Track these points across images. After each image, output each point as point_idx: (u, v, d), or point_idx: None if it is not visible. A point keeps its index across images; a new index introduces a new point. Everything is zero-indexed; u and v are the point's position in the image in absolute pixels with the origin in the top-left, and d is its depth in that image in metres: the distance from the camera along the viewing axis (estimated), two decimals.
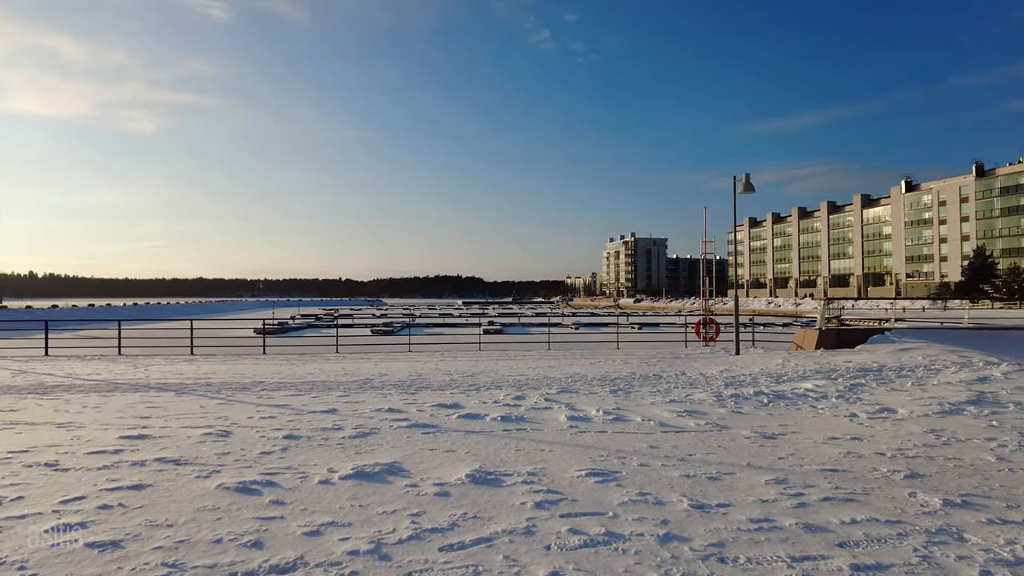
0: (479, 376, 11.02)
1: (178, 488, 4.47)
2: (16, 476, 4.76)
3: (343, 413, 7.46)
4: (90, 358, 15.96)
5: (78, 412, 7.64)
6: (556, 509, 4.08)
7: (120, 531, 3.65)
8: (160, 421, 6.99)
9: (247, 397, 8.82)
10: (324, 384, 10.17)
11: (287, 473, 4.87)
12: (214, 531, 3.65)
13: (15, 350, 19.05)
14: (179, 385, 10.23)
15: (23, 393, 9.36)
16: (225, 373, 11.97)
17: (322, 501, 4.22)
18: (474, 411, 7.51)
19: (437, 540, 3.54)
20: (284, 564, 3.21)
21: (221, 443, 5.88)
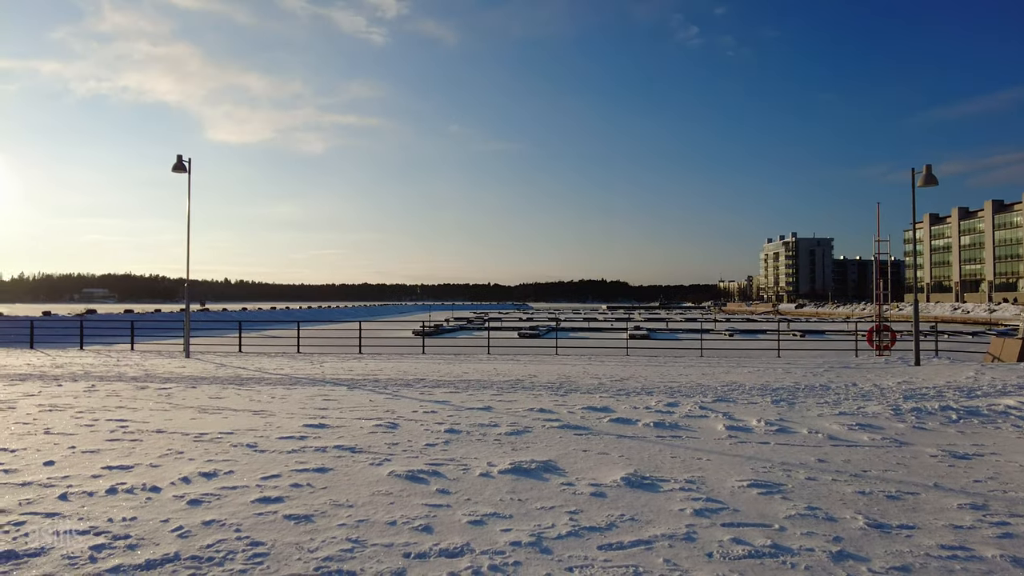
0: (628, 381, 10.90)
1: (355, 473, 4.91)
2: (226, 454, 5.48)
3: (498, 411, 7.73)
4: (274, 355, 17.88)
5: (268, 401, 8.62)
6: (717, 518, 3.95)
7: (310, 507, 4.08)
8: (336, 412, 7.69)
9: (410, 393, 9.43)
10: (478, 383, 10.60)
11: (450, 465, 5.15)
12: (389, 514, 3.97)
13: (217, 346, 21.81)
14: (351, 380, 11.17)
15: (225, 384, 10.71)
16: (390, 370, 12.89)
17: (483, 493, 4.42)
18: (625, 416, 7.46)
19: (596, 539, 3.58)
20: (452, 549, 3.41)
21: (390, 434, 6.36)
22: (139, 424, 6.88)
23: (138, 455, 5.45)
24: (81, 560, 3.22)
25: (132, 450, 5.63)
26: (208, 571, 3.10)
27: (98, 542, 3.45)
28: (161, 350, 20.22)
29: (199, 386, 10.31)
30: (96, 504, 4.12)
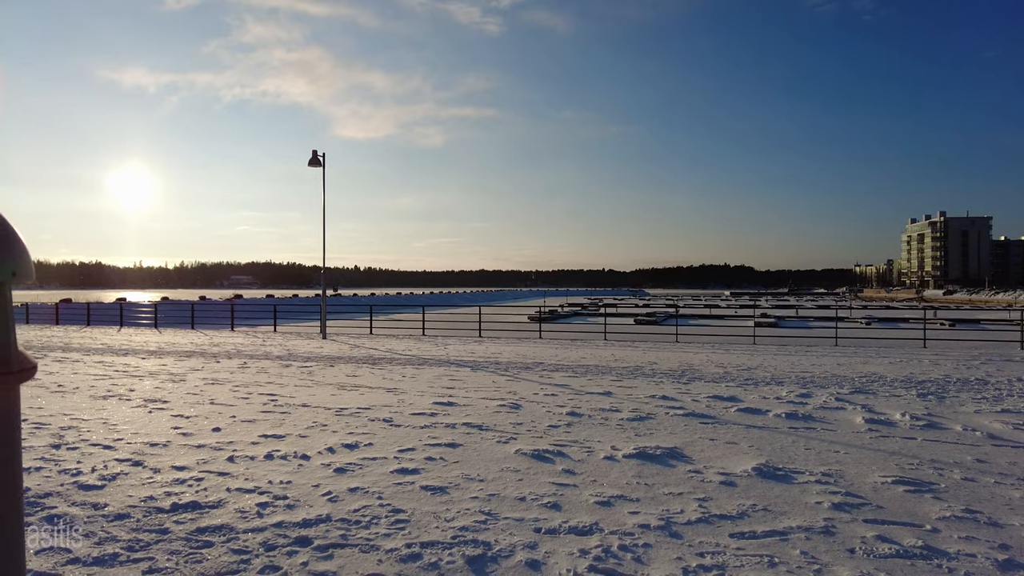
0: (756, 371, 10.46)
1: (484, 450, 5.11)
2: (365, 428, 5.89)
3: (618, 396, 7.72)
4: (402, 337, 18.82)
5: (399, 380, 9.12)
6: (858, 513, 3.74)
7: (443, 479, 4.31)
8: (462, 392, 8.01)
9: (530, 376, 9.62)
10: (597, 368, 10.61)
11: (574, 446, 5.23)
12: (518, 490, 4.11)
13: (349, 328, 23.26)
14: (473, 362, 11.56)
15: (359, 363, 11.45)
16: (509, 354, 13.19)
17: (609, 475, 4.46)
18: (754, 405, 7.18)
19: (727, 526, 3.52)
20: (581, 527, 3.49)
21: (514, 414, 6.54)
22: (287, 398, 7.54)
23: (288, 426, 5.98)
24: (250, 515, 3.62)
25: (282, 421, 6.19)
26: (356, 533, 3.38)
27: (262, 500, 3.85)
28: (300, 332, 21.90)
29: (336, 365, 11.09)
30: (257, 467, 4.59)
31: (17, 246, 0.97)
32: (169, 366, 10.77)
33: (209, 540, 3.26)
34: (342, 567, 2.96)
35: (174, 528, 3.42)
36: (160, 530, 3.39)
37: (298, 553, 3.11)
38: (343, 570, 2.93)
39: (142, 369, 10.30)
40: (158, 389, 8.14)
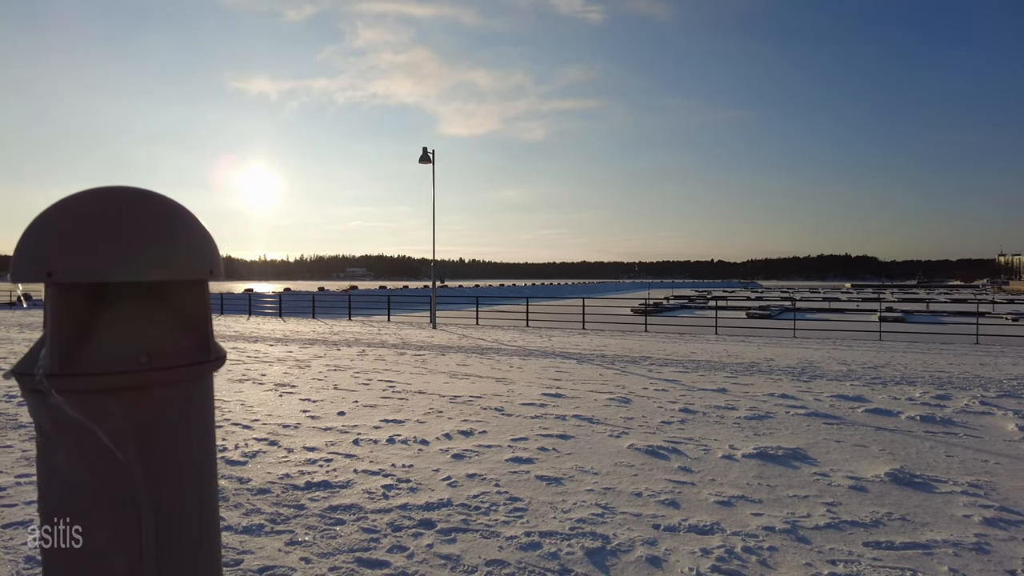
0: (883, 369, 9.74)
1: (596, 443, 5.10)
2: (478, 416, 6.05)
3: (733, 394, 7.44)
4: (507, 328, 19.10)
5: (507, 370, 9.27)
6: (1017, 531, 3.40)
7: (557, 470, 4.35)
8: (569, 384, 8.02)
9: (638, 370, 9.48)
10: (709, 364, 10.28)
11: (689, 444, 5.11)
12: (633, 485, 4.07)
13: (456, 319, 23.89)
14: (578, 355, 11.55)
15: (468, 353, 11.74)
16: (615, 347, 13.06)
17: (728, 475, 4.32)
18: (883, 407, 6.69)
19: (860, 534, 3.31)
20: (701, 526, 3.40)
21: (623, 408, 6.47)
22: (403, 385, 7.87)
23: (406, 412, 6.24)
24: (376, 496, 3.82)
25: (401, 407, 6.47)
26: (477, 519, 3.48)
27: (387, 482, 4.05)
28: (411, 321, 22.76)
29: (447, 354, 11.44)
30: (381, 450, 4.83)
31: (212, 247, 1.08)
32: (295, 353, 11.54)
33: (341, 518, 3.48)
34: (465, 551, 3.07)
35: (309, 505, 3.67)
36: (297, 506, 3.65)
37: (423, 535, 3.25)
38: (466, 554, 3.03)
39: (271, 355, 11.11)
40: (286, 374, 8.75)
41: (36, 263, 0.93)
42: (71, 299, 0.94)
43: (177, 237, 1.02)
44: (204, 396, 1.08)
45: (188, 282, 1.04)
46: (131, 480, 0.96)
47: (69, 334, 0.93)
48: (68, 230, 0.94)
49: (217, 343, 1.10)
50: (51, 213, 0.97)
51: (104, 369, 0.94)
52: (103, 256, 0.94)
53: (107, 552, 0.96)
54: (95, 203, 0.98)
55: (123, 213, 0.97)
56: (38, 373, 0.92)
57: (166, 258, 0.99)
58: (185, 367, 1.01)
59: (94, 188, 1.01)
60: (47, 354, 0.92)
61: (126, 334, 0.97)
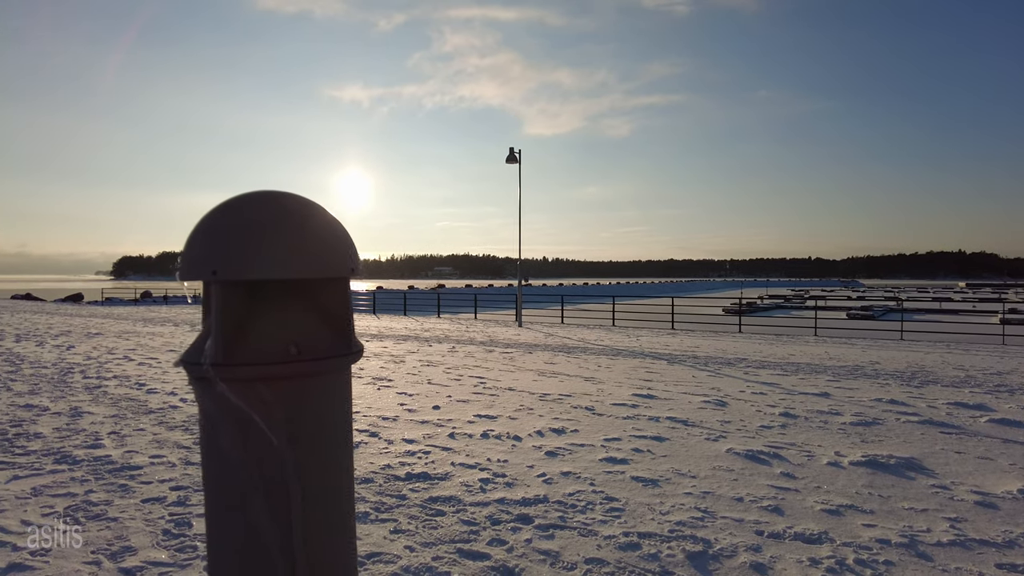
0: (1009, 376, 8.95)
1: (692, 446, 4.98)
2: (569, 414, 6.05)
3: (837, 398, 7.06)
4: (592, 327, 18.97)
5: (596, 370, 9.21)
6: None
7: (653, 472, 4.29)
8: (661, 385, 7.87)
9: (733, 372, 9.17)
10: (809, 366, 9.80)
11: (791, 449, 4.90)
12: (733, 490, 3.95)
13: (541, 317, 23.97)
14: (669, 355, 11.31)
15: (555, 351, 11.76)
16: (707, 348, 12.69)
17: (835, 482, 4.11)
18: (1011, 417, 6.16)
19: (991, 555, 3.07)
20: (808, 534, 3.26)
21: (719, 411, 6.29)
22: (493, 381, 7.99)
23: (498, 408, 6.34)
24: (474, 489, 3.91)
25: (492, 403, 6.57)
26: (574, 516, 3.49)
27: (484, 476, 4.14)
28: (497, 319, 23.05)
29: (534, 352, 11.51)
30: (476, 445, 4.93)
31: (352, 248, 1.15)
32: (389, 348, 11.96)
33: (441, 509, 3.58)
34: (563, 548, 3.08)
35: (410, 495, 3.80)
36: (399, 496, 3.79)
37: (521, 530, 3.29)
38: (565, 551, 3.05)
39: (368, 350, 11.56)
40: (383, 368, 9.08)
41: (203, 263, 1.02)
42: (232, 296, 1.02)
43: (323, 238, 1.09)
44: (344, 386, 1.15)
45: (332, 279, 1.11)
46: (283, 463, 1.03)
47: (230, 327, 1.02)
48: (230, 233, 1.03)
49: (356, 337, 1.17)
50: (213, 217, 1.06)
51: (260, 360, 1.01)
52: (259, 256, 1.01)
53: (263, 528, 1.04)
54: (252, 207, 1.06)
55: (276, 216, 1.05)
56: (204, 363, 1.01)
57: (314, 258, 1.06)
58: (329, 359, 1.08)
59: (250, 192, 1.09)
60: (212, 345, 1.01)
61: (278, 327, 1.05)
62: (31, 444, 5.04)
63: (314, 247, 1.08)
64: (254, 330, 1.04)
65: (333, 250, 1.11)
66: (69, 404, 6.64)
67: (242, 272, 1.02)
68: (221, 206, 1.09)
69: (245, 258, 1.02)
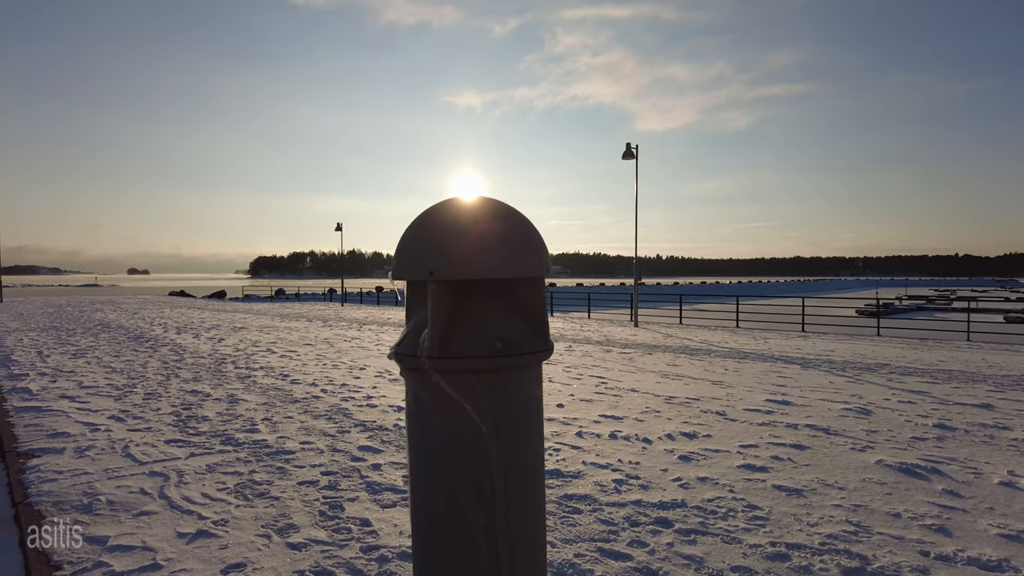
0: None
1: (836, 455, 4.69)
2: (699, 418, 5.89)
3: (1003, 411, 6.37)
4: (714, 328, 18.30)
5: (722, 373, 8.89)
6: None
7: (796, 481, 4.08)
8: (795, 391, 7.46)
9: (875, 378, 8.52)
10: (963, 375, 8.91)
11: (952, 464, 4.49)
12: (888, 504, 3.68)
13: (657, 317, 23.46)
14: (801, 359, 10.69)
15: (677, 353, 11.47)
16: (843, 352, 11.88)
17: (1011, 505, 3.72)
18: None
19: None
20: (985, 560, 2.98)
21: (863, 420, 5.87)
22: (615, 382, 7.92)
23: (622, 409, 6.28)
24: (608, 489, 3.90)
25: (616, 404, 6.52)
26: (715, 523, 3.40)
27: (617, 477, 4.12)
28: (612, 319, 22.82)
29: (654, 353, 11.29)
30: (604, 445, 4.92)
31: (545, 250, 1.20)
32: None
33: (577, 507, 3.61)
34: (707, 554, 3.01)
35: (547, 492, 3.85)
36: None
37: (661, 533, 3.25)
38: (709, 557, 2.98)
39: None
40: None
41: (419, 263, 1.10)
42: (445, 294, 1.10)
43: (523, 241, 1.14)
44: (538, 380, 1.20)
45: (530, 279, 1.17)
46: (488, 450, 1.10)
47: (443, 323, 1.09)
48: (442, 235, 1.10)
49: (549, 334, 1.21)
50: (425, 221, 1.14)
51: (470, 353, 1.08)
52: (471, 258, 1.08)
53: (468, 510, 1.10)
54: (460, 211, 1.13)
55: (483, 220, 1.12)
56: (420, 355, 1.09)
57: (516, 259, 1.12)
58: (529, 354, 1.13)
59: (456, 198, 1.17)
60: (428, 339, 1.09)
61: (484, 324, 1.11)
62: (201, 426, 5.61)
63: (516, 249, 1.13)
64: (464, 326, 1.10)
65: (531, 252, 1.16)
66: (226, 391, 7.33)
67: (455, 273, 1.08)
68: (431, 211, 1.16)
69: (458, 260, 1.09)
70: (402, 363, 1.14)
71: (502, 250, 1.11)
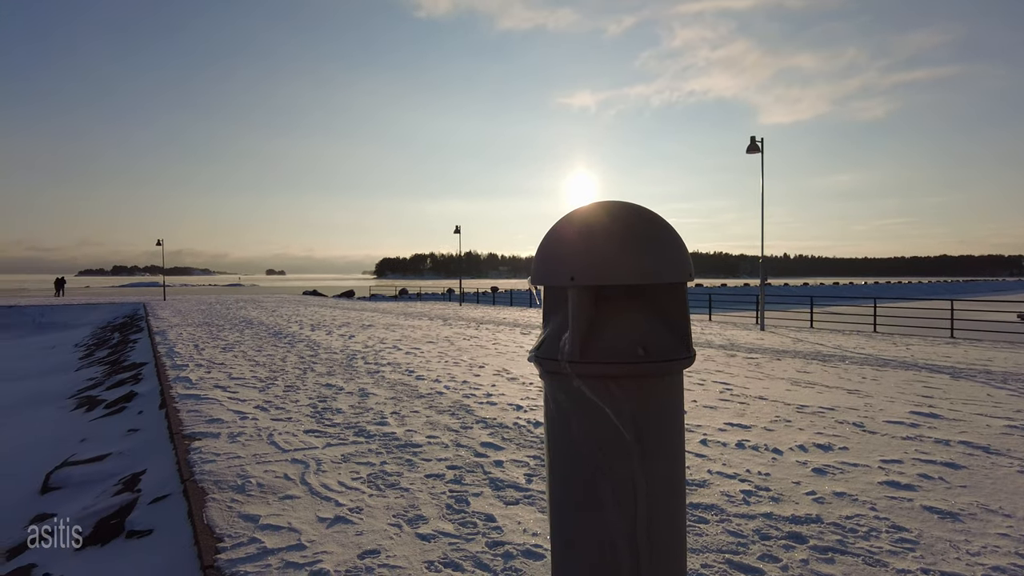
0: None
1: (999, 478, 4.22)
2: (835, 429, 5.51)
3: None
4: (849, 332, 17.04)
5: (859, 381, 8.25)
6: None
7: (950, 504, 3.71)
8: (945, 403, 6.79)
9: None
10: None
11: None
12: None
13: (785, 320, 22.20)
14: (951, 368, 9.71)
15: (807, 359, 10.79)
16: (1003, 361, 10.65)
17: None
18: None
19: None
20: None
21: None
22: (740, 388, 7.58)
23: (749, 417, 6.00)
24: (736, 500, 3.75)
25: (743, 412, 6.24)
26: (855, 542, 3.17)
27: (745, 488, 3.95)
28: (735, 321, 21.85)
29: (783, 359, 10.69)
30: (731, 454, 4.73)
31: (687, 254, 1.17)
32: None
33: (703, 516, 3.49)
34: (848, 575, 2.81)
35: None
36: None
37: (794, 549, 3.08)
38: None
39: None
40: None
41: (559, 268, 1.12)
42: (586, 299, 1.11)
43: (665, 246, 1.13)
44: (680, 388, 1.18)
45: (672, 284, 1.15)
46: (631, 457, 1.09)
47: (585, 328, 1.10)
48: (582, 240, 1.11)
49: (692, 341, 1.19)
50: (566, 226, 1.16)
51: (612, 358, 1.08)
52: (612, 263, 1.08)
53: (609, 516, 1.11)
54: (599, 216, 1.14)
55: (624, 225, 1.12)
56: (562, 359, 1.11)
57: (658, 264, 1.11)
58: (672, 361, 1.11)
59: (597, 203, 1.17)
60: (569, 343, 1.10)
61: (626, 329, 1.11)
62: (335, 418, 6.00)
63: (658, 254, 1.12)
64: (605, 331, 1.11)
65: (673, 257, 1.14)
66: (357, 385, 7.78)
67: (597, 278, 1.09)
68: (571, 216, 1.18)
69: (600, 265, 1.09)
70: (542, 366, 1.17)
71: (643, 255, 1.10)
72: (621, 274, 1.08)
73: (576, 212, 1.17)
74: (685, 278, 1.14)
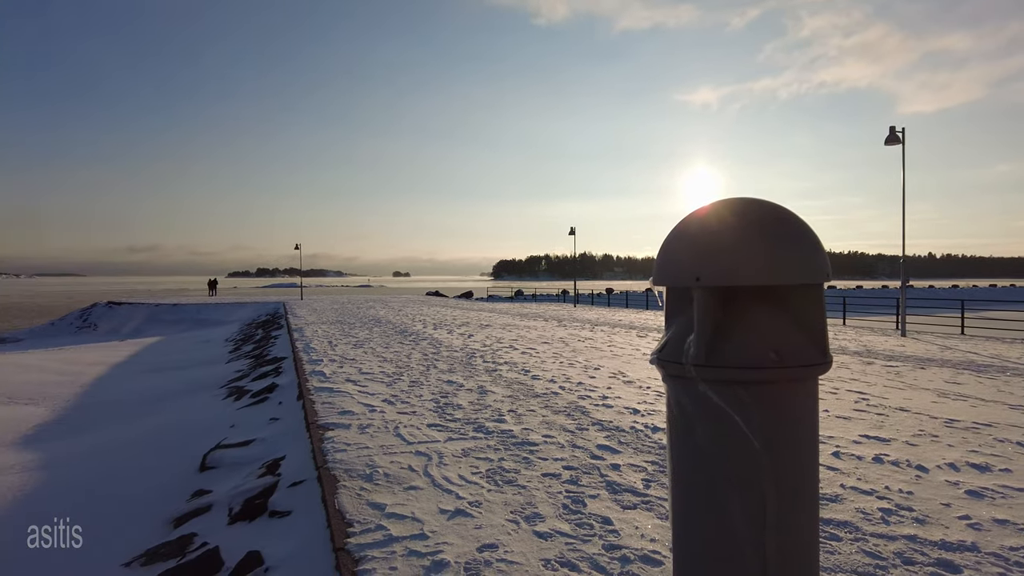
0: None
1: None
2: (993, 448, 4.95)
3: None
4: (1010, 340, 15.24)
5: (1023, 396, 7.36)
6: None
7: None
8: None
9: None
10: None
11: None
12: None
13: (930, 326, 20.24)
14: None
15: (958, 368, 9.77)
16: None
17: None
18: None
19: None
20: None
21: None
22: (878, 399, 7.00)
23: (888, 430, 5.53)
24: (873, 518, 3.47)
25: (881, 424, 5.76)
26: None
27: (884, 506, 3.65)
28: (871, 326, 20.20)
29: (928, 368, 9.75)
30: (867, 469, 4.38)
31: (824, 253, 1.11)
32: None
33: (835, 534, 3.27)
34: None
35: None
36: None
37: None
38: None
39: None
40: None
41: (684, 269, 1.10)
42: (712, 301, 1.08)
43: (799, 244, 1.07)
44: (815, 396, 1.12)
45: (808, 286, 1.09)
46: (759, 466, 1.05)
47: (711, 331, 1.08)
48: (710, 240, 1.09)
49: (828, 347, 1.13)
50: (692, 225, 1.14)
51: (740, 363, 1.05)
52: (740, 263, 1.05)
53: (736, 525, 1.07)
54: (729, 215, 1.10)
55: (753, 223, 1.08)
56: (686, 362, 1.09)
57: (790, 264, 1.06)
58: (807, 367, 1.06)
59: (724, 200, 1.14)
60: (694, 346, 1.08)
61: (755, 333, 1.07)
62: (456, 413, 6.21)
63: (790, 253, 1.07)
64: (733, 334, 1.08)
65: (809, 256, 1.09)
66: (476, 383, 7.99)
67: (724, 279, 1.06)
68: (696, 214, 1.15)
69: (727, 265, 1.06)
70: (664, 369, 1.15)
71: (774, 254, 1.06)
72: (751, 274, 1.04)
73: (701, 210, 1.14)
74: (822, 279, 1.08)
